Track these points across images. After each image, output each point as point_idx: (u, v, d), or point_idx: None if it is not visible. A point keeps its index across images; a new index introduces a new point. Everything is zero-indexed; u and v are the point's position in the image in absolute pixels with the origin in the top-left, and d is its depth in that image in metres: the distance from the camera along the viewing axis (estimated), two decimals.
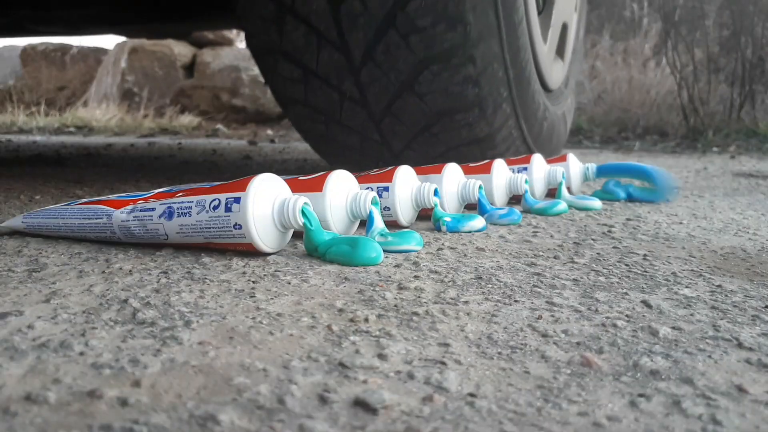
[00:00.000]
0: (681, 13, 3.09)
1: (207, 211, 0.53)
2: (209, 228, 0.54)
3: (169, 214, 0.55)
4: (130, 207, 0.58)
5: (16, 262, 0.53)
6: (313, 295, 0.46)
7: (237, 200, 0.53)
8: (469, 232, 0.72)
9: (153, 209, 0.56)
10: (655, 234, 0.74)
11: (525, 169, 0.94)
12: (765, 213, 0.93)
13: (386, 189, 0.70)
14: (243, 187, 0.53)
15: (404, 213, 0.71)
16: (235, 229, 0.53)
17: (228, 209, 0.53)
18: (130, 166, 1.60)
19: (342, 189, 0.63)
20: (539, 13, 1.13)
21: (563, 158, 1.03)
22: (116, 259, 0.55)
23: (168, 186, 0.74)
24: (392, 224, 0.71)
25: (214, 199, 0.54)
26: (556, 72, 1.27)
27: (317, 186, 0.62)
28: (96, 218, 0.59)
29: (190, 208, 0.54)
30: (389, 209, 0.70)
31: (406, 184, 0.72)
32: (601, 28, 3.57)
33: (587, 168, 1.04)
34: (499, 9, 0.90)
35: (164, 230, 0.55)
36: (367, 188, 0.70)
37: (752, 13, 2.77)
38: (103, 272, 0.51)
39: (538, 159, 0.97)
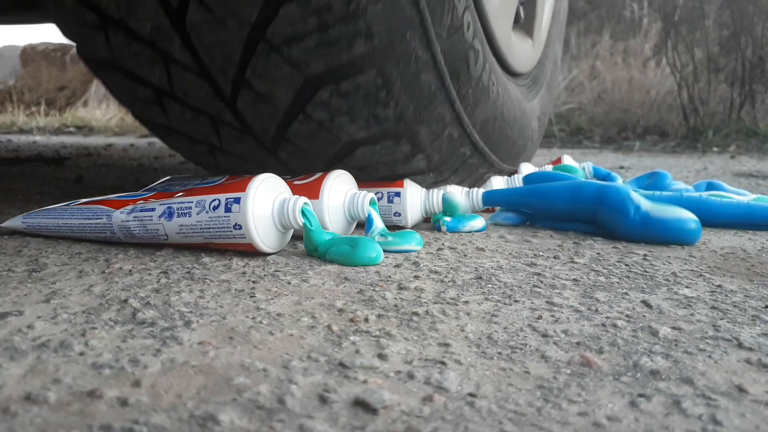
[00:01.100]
0: (681, 13, 3.09)
1: (207, 212, 0.53)
2: (209, 228, 0.54)
3: (169, 214, 0.55)
4: (129, 207, 0.58)
5: (16, 262, 0.53)
6: (313, 295, 0.46)
7: (237, 200, 0.53)
8: (470, 232, 0.72)
9: (153, 209, 0.56)
10: None
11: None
12: None
13: (398, 194, 0.70)
14: (243, 188, 0.53)
15: (413, 218, 0.72)
16: (235, 229, 0.53)
17: (228, 209, 0.53)
18: (130, 166, 1.60)
19: (340, 191, 0.63)
20: None
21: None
22: (116, 259, 0.55)
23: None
24: (398, 227, 0.71)
25: (214, 200, 0.54)
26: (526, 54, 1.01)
27: (314, 191, 0.62)
28: (96, 218, 0.59)
29: (190, 208, 0.54)
30: (400, 214, 0.70)
31: (416, 189, 0.72)
32: (601, 28, 3.57)
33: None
34: (455, 104, 0.69)
35: (164, 230, 0.55)
36: (377, 193, 0.70)
37: (752, 13, 2.78)
38: (103, 272, 0.51)
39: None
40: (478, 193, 0.76)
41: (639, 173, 1.50)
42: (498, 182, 0.88)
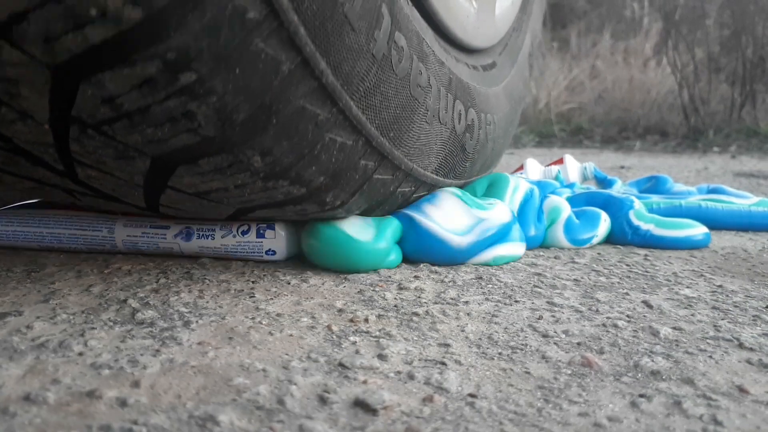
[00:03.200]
0: (682, 13, 3.09)
1: (234, 236, 0.53)
2: (235, 252, 0.53)
3: (188, 235, 0.54)
4: (135, 220, 0.55)
5: (15, 262, 0.53)
6: (312, 295, 0.46)
7: (270, 227, 0.53)
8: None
9: (167, 227, 0.54)
10: None
11: None
12: None
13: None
14: None
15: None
16: (267, 255, 0.53)
17: (261, 235, 0.52)
18: None
19: None
20: None
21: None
22: (115, 259, 0.55)
23: None
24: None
25: (242, 224, 0.53)
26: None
27: None
28: (93, 230, 0.56)
29: (213, 230, 0.53)
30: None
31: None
32: (601, 28, 3.57)
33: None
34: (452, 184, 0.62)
35: (179, 249, 0.54)
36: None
37: (753, 12, 2.77)
38: (102, 272, 0.50)
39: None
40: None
41: (640, 173, 1.50)
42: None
